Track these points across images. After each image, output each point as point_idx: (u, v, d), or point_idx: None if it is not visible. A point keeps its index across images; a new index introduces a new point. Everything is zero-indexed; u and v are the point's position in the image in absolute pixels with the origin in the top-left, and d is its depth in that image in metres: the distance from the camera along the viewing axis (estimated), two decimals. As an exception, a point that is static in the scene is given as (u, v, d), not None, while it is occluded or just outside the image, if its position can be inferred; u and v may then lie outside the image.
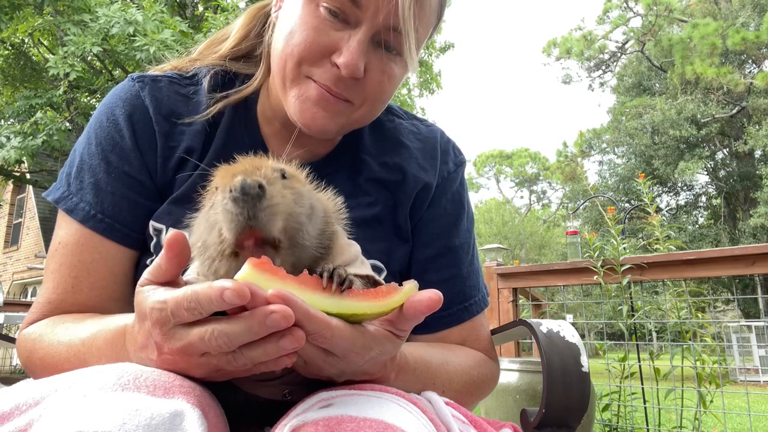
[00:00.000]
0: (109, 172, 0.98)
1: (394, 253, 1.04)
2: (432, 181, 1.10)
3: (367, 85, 0.93)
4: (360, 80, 0.92)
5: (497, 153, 45.50)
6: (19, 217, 21.60)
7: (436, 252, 1.08)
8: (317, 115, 0.93)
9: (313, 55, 0.91)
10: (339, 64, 0.89)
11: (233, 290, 0.55)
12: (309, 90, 0.93)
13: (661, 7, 23.73)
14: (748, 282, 17.44)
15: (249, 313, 0.57)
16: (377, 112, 1.01)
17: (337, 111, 0.94)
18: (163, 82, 1.05)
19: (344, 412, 0.61)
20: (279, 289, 0.58)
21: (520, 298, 4.25)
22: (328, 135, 0.98)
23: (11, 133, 10.50)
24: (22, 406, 0.60)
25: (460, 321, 1.07)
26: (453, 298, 1.07)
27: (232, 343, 0.58)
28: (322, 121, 0.94)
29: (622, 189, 24.60)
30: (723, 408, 3.27)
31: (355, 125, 1.00)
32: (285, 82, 0.95)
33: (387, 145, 1.11)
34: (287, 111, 0.97)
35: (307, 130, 0.96)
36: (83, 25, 10.06)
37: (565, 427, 0.94)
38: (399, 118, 1.17)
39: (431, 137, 1.16)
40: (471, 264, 1.12)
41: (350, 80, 0.91)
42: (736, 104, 22.93)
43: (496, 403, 3.00)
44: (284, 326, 0.57)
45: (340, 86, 0.92)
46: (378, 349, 0.67)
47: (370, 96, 0.95)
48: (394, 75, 0.95)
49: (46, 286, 0.96)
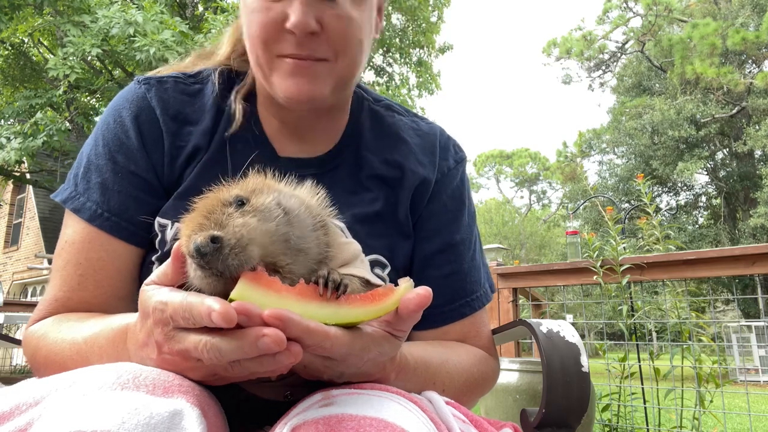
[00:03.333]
0: (116, 172, 0.99)
1: (397, 250, 1.04)
2: (431, 177, 1.10)
3: (331, 35, 0.92)
4: (320, 34, 0.92)
5: (497, 153, 45.51)
6: (19, 217, 21.59)
7: (436, 248, 1.08)
8: (300, 84, 0.93)
9: (270, 33, 0.92)
10: (291, 28, 0.89)
11: (219, 314, 0.55)
12: (283, 66, 0.94)
13: (661, 7, 23.74)
14: (748, 282, 17.45)
15: (241, 332, 0.57)
16: (359, 59, 0.98)
17: (315, 73, 0.94)
18: (169, 83, 1.06)
19: (345, 411, 0.61)
20: (275, 310, 0.57)
21: (520, 298, 4.25)
22: (324, 100, 0.97)
23: (11, 134, 10.51)
24: (22, 405, 0.60)
25: (462, 316, 1.07)
26: (454, 293, 1.07)
27: (223, 357, 0.58)
28: (308, 87, 0.94)
29: (622, 189, 24.61)
30: (723, 408, 3.27)
31: (347, 81, 0.99)
32: (264, 72, 0.96)
33: (387, 142, 1.12)
34: (277, 98, 0.98)
35: (299, 104, 0.95)
36: (83, 26, 10.06)
37: (565, 427, 0.94)
38: (399, 114, 1.18)
39: (431, 134, 1.16)
40: (472, 259, 1.12)
41: (311, 38, 0.91)
42: (736, 104, 22.94)
43: (496, 403, 3.00)
44: (275, 351, 0.56)
45: (305, 48, 0.92)
46: (377, 350, 0.67)
47: (338, 45, 0.94)
48: (352, 17, 0.94)
49: (52, 284, 0.97)
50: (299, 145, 1.07)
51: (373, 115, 1.15)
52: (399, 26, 16.51)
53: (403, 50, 16.44)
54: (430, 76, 17.16)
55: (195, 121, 1.04)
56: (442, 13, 17.07)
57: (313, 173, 1.01)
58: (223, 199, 0.68)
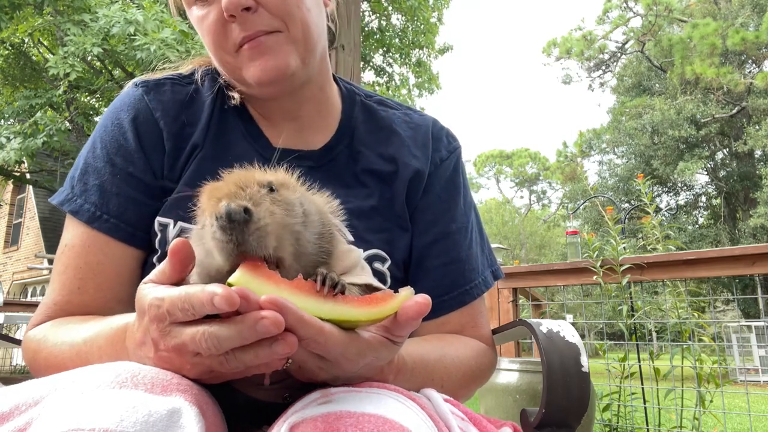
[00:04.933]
0: (114, 174, 0.99)
1: (396, 243, 1.05)
2: (424, 169, 1.10)
3: (269, 6, 0.93)
4: (258, 9, 0.92)
5: (497, 153, 45.51)
6: (19, 217, 21.59)
7: (433, 238, 1.08)
8: (263, 62, 0.94)
9: (217, 32, 0.95)
10: (224, 9, 0.90)
11: (222, 297, 0.55)
12: (242, 56, 0.95)
13: (661, 7, 23.74)
14: (748, 282, 17.45)
15: (240, 318, 0.57)
16: (309, 20, 0.97)
17: (272, 47, 0.94)
18: (166, 84, 1.06)
19: (343, 408, 0.61)
20: (272, 295, 0.57)
21: (520, 298, 4.25)
22: (293, 72, 0.96)
23: (11, 133, 10.51)
24: (21, 405, 0.60)
25: (462, 304, 1.07)
26: (453, 282, 1.07)
27: (222, 345, 0.58)
28: (272, 63, 0.94)
29: (622, 189, 24.61)
30: (723, 408, 3.27)
31: (308, 46, 0.98)
32: (234, 73, 0.98)
33: (381, 136, 1.12)
34: (254, 91, 0.99)
35: (271, 83, 0.96)
36: (83, 25, 10.06)
37: (565, 427, 0.93)
38: (392, 108, 1.18)
39: (423, 125, 1.16)
40: (470, 247, 1.11)
41: (251, 16, 0.92)
42: (736, 104, 22.94)
43: (496, 403, 3.00)
44: (274, 333, 0.56)
45: (250, 27, 0.92)
46: (373, 356, 0.67)
47: (280, 12, 0.93)
48: None
49: (51, 287, 0.97)
50: (293, 140, 1.07)
51: (365, 110, 1.16)
52: (399, 26, 16.51)
53: (403, 50, 16.44)
54: (430, 77, 17.17)
55: (194, 121, 1.04)
56: (442, 14, 17.08)
57: (309, 167, 1.01)
58: (258, 180, 0.69)
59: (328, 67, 1.11)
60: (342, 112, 1.13)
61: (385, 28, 16.23)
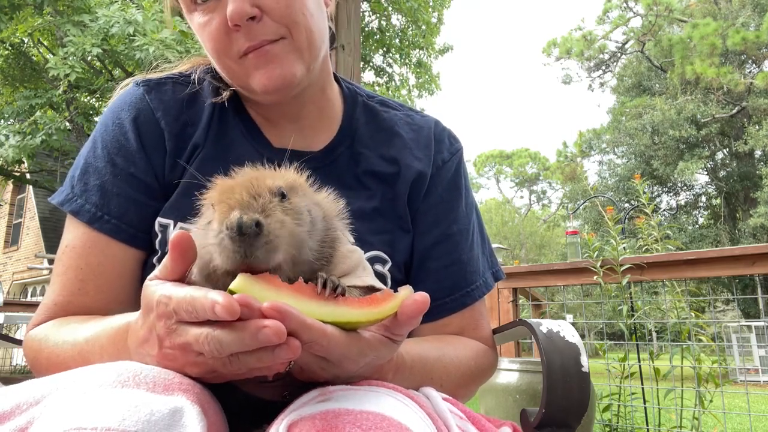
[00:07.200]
0: (115, 174, 0.98)
1: (397, 244, 1.04)
2: (426, 171, 1.10)
3: (273, 15, 0.92)
4: (263, 18, 0.92)
5: (497, 153, 45.49)
6: (19, 217, 21.58)
7: (434, 240, 1.08)
8: (270, 71, 0.94)
9: (221, 40, 0.94)
10: (229, 19, 0.90)
11: (223, 306, 0.56)
12: (247, 64, 0.94)
13: (661, 7, 23.74)
14: (748, 282, 17.44)
15: (242, 324, 0.57)
16: (313, 25, 0.97)
17: (278, 54, 0.94)
18: (167, 84, 1.06)
19: (342, 406, 0.61)
20: (274, 302, 0.57)
21: (520, 298, 4.25)
22: (299, 79, 0.96)
23: (10, 132, 10.50)
24: (22, 405, 0.60)
25: (463, 306, 1.07)
26: (454, 284, 1.07)
27: (224, 350, 0.58)
28: (278, 72, 0.94)
29: (622, 189, 24.59)
30: (723, 408, 3.27)
31: (312, 51, 0.98)
32: (239, 80, 0.98)
33: (383, 137, 1.12)
34: (259, 98, 0.99)
35: (278, 91, 0.95)
36: (83, 26, 10.06)
37: (565, 427, 0.93)
38: (394, 109, 1.18)
39: (425, 127, 1.16)
40: (471, 249, 1.11)
41: (256, 25, 0.91)
42: (736, 104, 22.93)
43: (496, 403, 3.00)
44: (276, 342, 0.56)
45: (255, 36, 0.92)
46: (373, 355, 0.67)
47: (285, 20, 0.93)
48: None
49: (52, 288, 0.97)
50: (294, 141, 1.07)
51: (367, 111, 1.15)
52: (399, 27, 16.50)
53: (403, 51, 16.43)
54: (430, 77, 17.16)
55: (195, 121, 1.04)
56: (442, 15, 17.07)
57: (310, 168, 1.01)
58: (269, 186, 0.68)
59: (329, 68, 1.11)
60: (343, 113, 1.13)
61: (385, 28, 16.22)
